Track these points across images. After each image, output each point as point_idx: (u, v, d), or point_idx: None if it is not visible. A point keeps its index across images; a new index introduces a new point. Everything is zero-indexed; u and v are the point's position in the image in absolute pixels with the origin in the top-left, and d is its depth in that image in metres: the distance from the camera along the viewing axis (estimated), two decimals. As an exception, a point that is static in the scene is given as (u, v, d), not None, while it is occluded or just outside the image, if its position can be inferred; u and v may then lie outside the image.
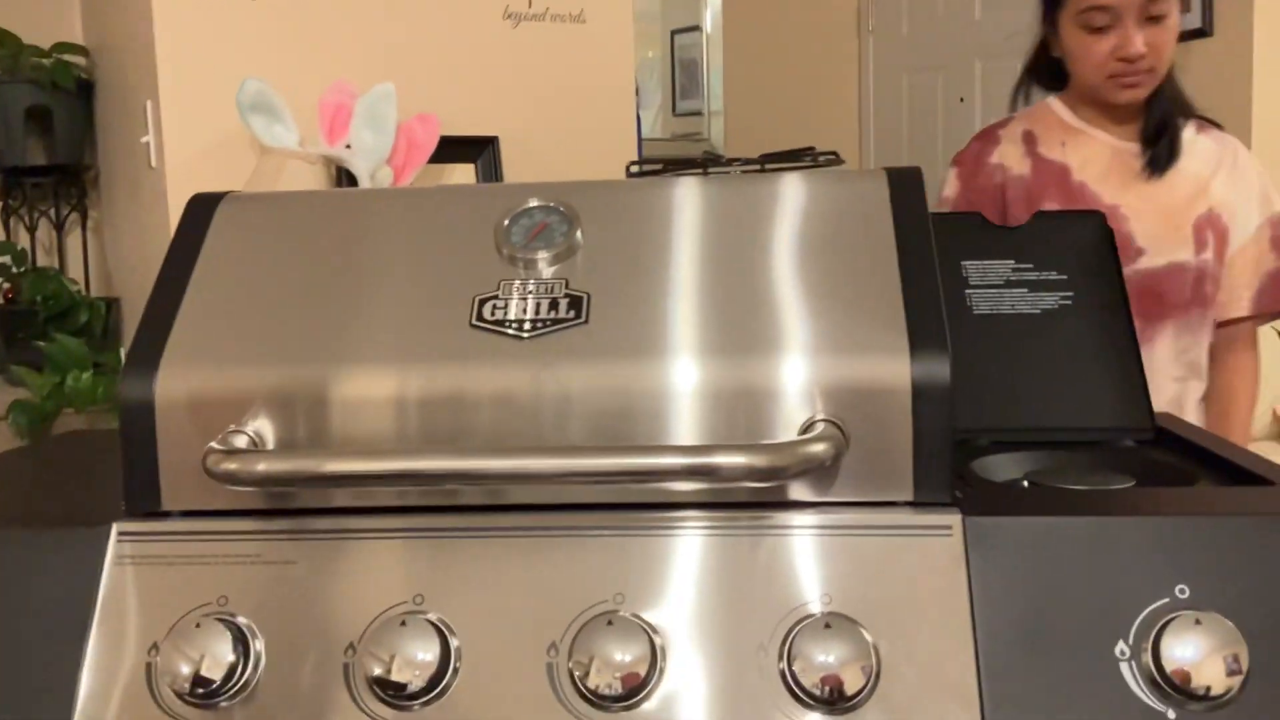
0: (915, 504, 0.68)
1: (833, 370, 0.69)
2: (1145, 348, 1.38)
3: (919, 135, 3.57)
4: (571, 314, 0.72)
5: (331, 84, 1.58)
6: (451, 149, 1.70)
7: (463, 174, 1.82)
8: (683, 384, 0.69)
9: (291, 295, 0.76)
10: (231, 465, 0.67)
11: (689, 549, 0.67)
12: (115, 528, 0.71)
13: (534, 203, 0.78)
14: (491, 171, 1.83)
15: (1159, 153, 1.57)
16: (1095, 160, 1.60)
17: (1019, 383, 1.00)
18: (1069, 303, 1.04)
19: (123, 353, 2.82)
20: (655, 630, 0.65)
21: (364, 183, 1.59)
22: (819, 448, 0.64)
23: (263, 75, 1.66)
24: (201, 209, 0.82)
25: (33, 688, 0.67)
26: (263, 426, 0.71)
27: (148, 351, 0.73)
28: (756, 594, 0.66)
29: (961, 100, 3.45)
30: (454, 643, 0.66)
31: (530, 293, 0.74)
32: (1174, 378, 1.60)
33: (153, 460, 0.72)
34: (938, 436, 0.68)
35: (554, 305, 0.73)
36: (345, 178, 1.66)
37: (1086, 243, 1.08)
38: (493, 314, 0.73)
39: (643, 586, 0.66)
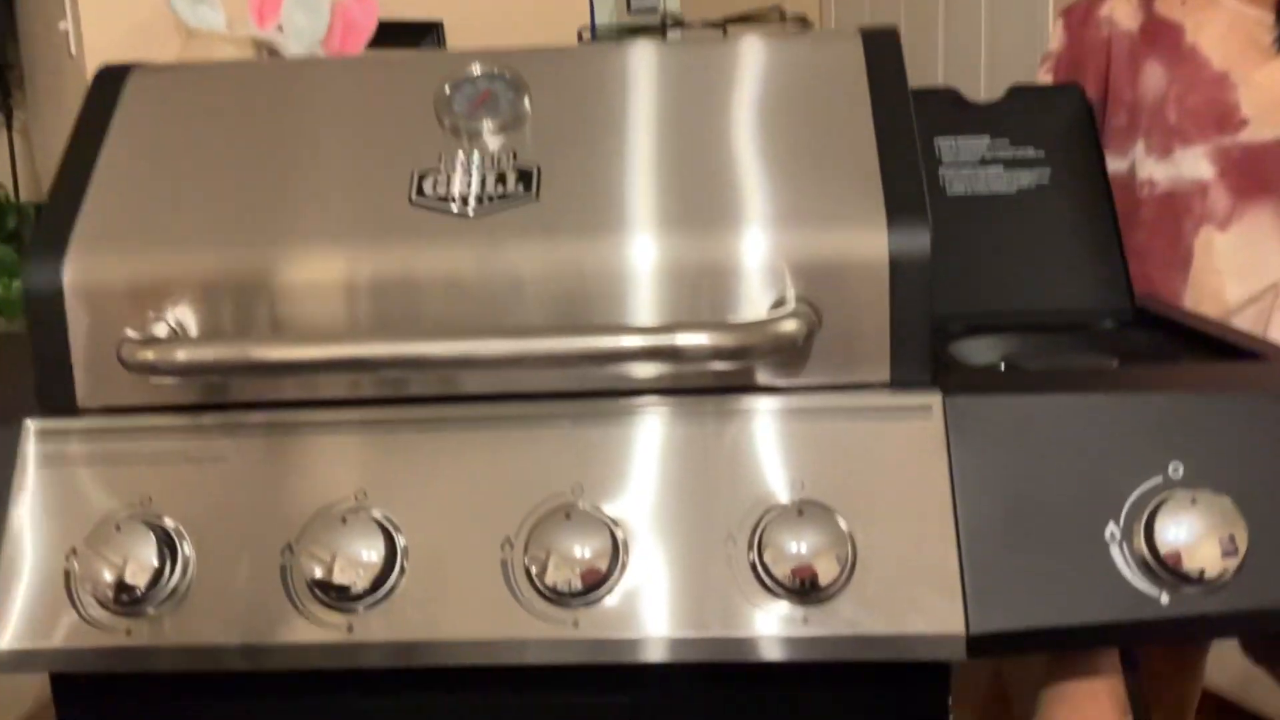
0: (892, 385, 0.63)
1: (803, 244, 0.63)
2: (1236, 228, 1.34)
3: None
4: (520, 188, 0.66)
5: (262, -38, 1.48)
6: (392, 35, 1.60)
7: (408, 62, 1.71)
8: (642, 262, 0.64)
9: (212, 172, 0.69)
10: (149, 355, 0.61)
11: (651, 437, 0.62)
12: (30, 425, 0.65)
13: (477, 69, 0.71)
14: (438, 59, 1.72)
15: None
16: (1214, 23, 1.45)
17: (995, 265, 0.96)
18: (1046, 182, 0.99)
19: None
20: (616, 523, 0.60)
21: (301, 69, 1.50)
22: (789, 326, 0.59)
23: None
24: (110, 81, 0.74)
25: (-57, 599, 0.62)
26: (184, 314, 0.65)
27: (53, 234, 0.67)
28: (724, 482, 0.61)
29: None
30: (400, 540, 0.61)
31: (475, 166, 0.67)
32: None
33: (64, 352, 0.66)
34: (916, 313, 0.63)
35: (501, 179, 0.67)
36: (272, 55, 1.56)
37: (1065, 119, 1.02)
38: (434, 189, 0.67)
39: (602, 477, 0.61)
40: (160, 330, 0.64)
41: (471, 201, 0.66)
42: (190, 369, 0.60)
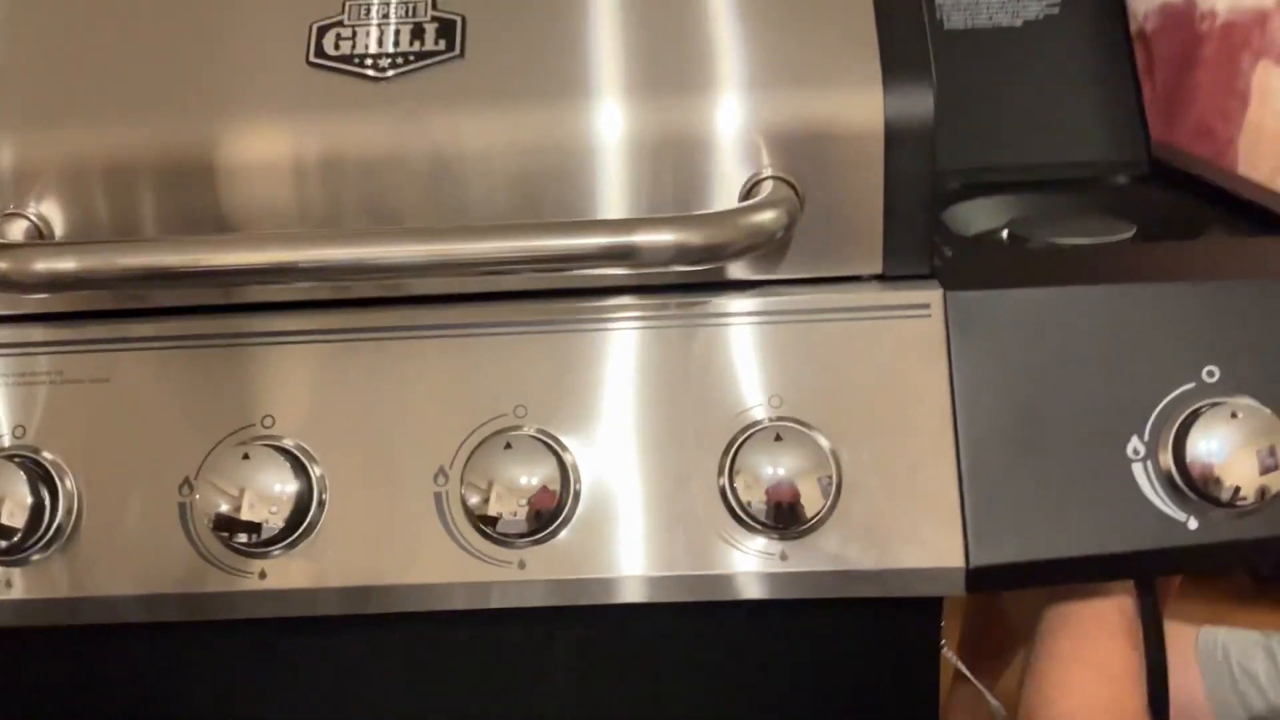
0: (884, 278, 0.54)
1: (782, 109, 0.53)
2: None
3: None
4: (442, 44, 0.55)
5: None
6: None
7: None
8: (591, 135, 0.53)
9: (71, 29, 0.57)
10: (2, 265, 0.50)
11: (606, 346, 0.53)
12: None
13: (383, -113, 0.59)
14: None
15: None
16: None
17: (996, 111, 0.85)
18: (1055, 11, 0.87)
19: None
20: (565, 448, 0.52)
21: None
22: (767, 216, 0.50)
23: None
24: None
25: None
26: (47, 209, 0.55)
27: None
28: (690, 397, 0.53)
29: None
30: (316, 471, 0.53)
31: (386, 18, 0.56)
32: None
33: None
34: (916, 192, 0.53)
35: (418, 33, 0.55)
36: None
37: (1079, -63, 0.90)
38: (337, 47, 0.55)
39: (550, 395, 0.53)
40: (18, 229, 0.54)
41: (385, 61, 0.55)
42: (53, 283, 0.50)
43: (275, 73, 0.55)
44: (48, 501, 0.53)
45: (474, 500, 0.51)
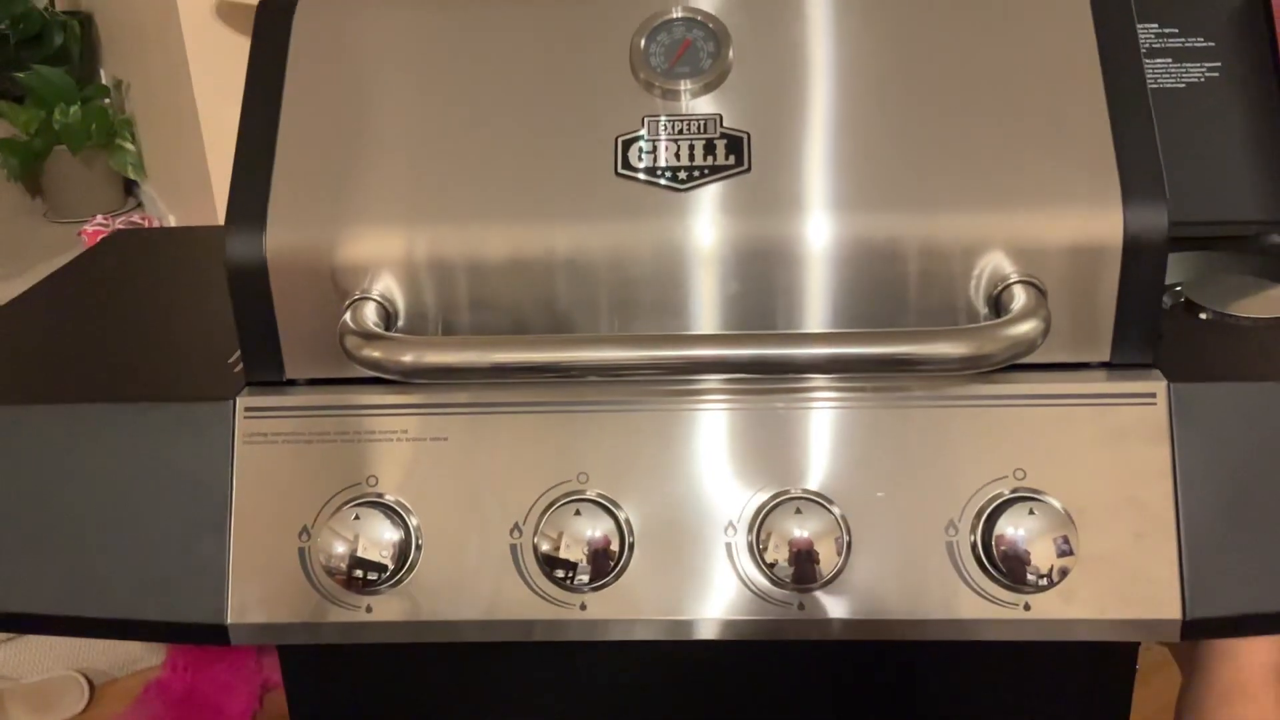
0: (1111, 366, 0.63)
1: (1030, 222, 0.61)
2: None
3: None
4: (731, 160, 0.64)
5: None
6: None
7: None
8: (861, 241, 0.62)
9: (400, 130, 0.67)
10: (375, 354, 0.60)
11: (861, 420, 0.62)
12: (242, 403, 0.65)
13: (675, 14, 0.67)
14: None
15: None
16: None
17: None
18: (1216, 75, 0.94)
19: (102, 74, 2.62)
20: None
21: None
22: (1029, 327, 0.58)
23: None
24: (276, 18, 0.70)
25: (178, 578, 0.64)
26: (390, 289, 0.64)
27: (250, 204, 0.65)
28: (940, 468, 0.62)
29: None
30: (621, 515, 0.63)
31: (680, 133, 0.64)
32: None
33: (271, 327, 0.65)
34: (1147, 294, 0.62)
35: (710, 149, 0.64)
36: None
37: (1237, 3, 0.96)
38: (640, 160, 0.64)
39: (825, 463, 0.62)
40: (370, 311, 0.64)
41: (682, 174, 0.64)
42: (415, 372, 0.60)
43: (591, 181, 0.64)
44: (401, 541, 0.63)
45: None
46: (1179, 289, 0.82)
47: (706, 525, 0.62)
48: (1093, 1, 0.66)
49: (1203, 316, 0.77)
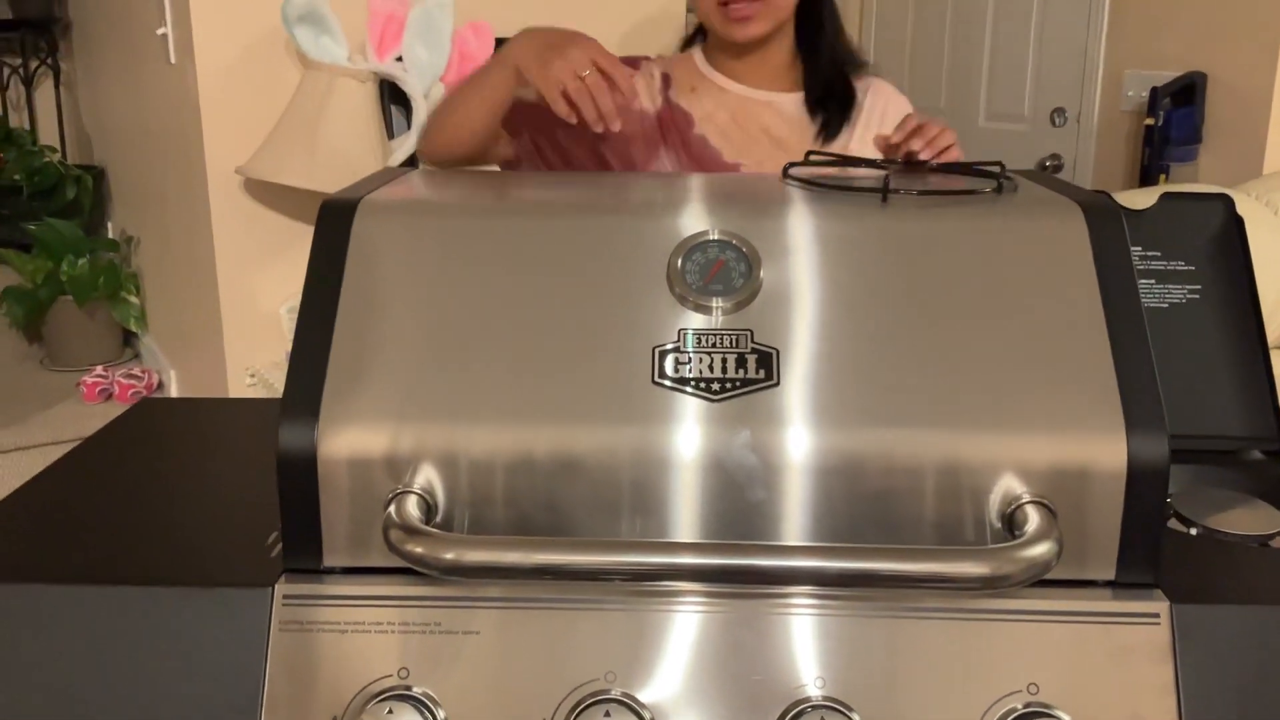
0: (1115, 584, 0.66)
1: (1041, 448, 0.66)
2: None
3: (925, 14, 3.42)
4: (761, 374, 0.68)
5: (379, -11, 1.45)
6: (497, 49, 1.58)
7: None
8: (884, 457, 0.66)
9: (450, 332, 0.71)
10: (418, 549, 0.63)
11: (874, 630, 0.65)
12: (280, 590, 0.67)
13: (710, 235, 0.73)
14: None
15: (829, 117, 1.33)
16: (720, 110, 1.36)
17: (1148, 386, 0.98)
18: (1196, 296, 1.01)
19: (110, 227, 2.69)
20: (853, 710, 0.63)
21: (418, 103, 1.48)
22: (1043, 550, 0.62)
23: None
24: (337, 220, 0.75)
25: (209, 761, 0.65)
26: (432, 482, 0.67)
27: (305, 397, 0.68)
28: (953, 680, 0.64)
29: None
30: (648, 715, 0.64)
31: (714, 346, 0.69)
32: None
33: (314, 517, 0.68)
34: (1150, 517, 0.66)
35: (741, 362, 0.69)
36: (390, 90, 1.54)
37: (1215, 228, 1.04)
38: (676, 370, 0.68)
39: (844, 671, 0.64)
40: (412, 504, 0.66)
41: (715, 386, 0.68)
42: (455, 569, 0.63)
43: (628, 387, 0.68)
44: (430, 735, 0.64)
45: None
46: (1169, 501, 0.86)
47: (730, 729, 0.64)
48: (1090, 230, 0.72)
49: (1193, 532, 0.81)
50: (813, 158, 0.96)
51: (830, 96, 1.33)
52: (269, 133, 1.50)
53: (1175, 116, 2.62)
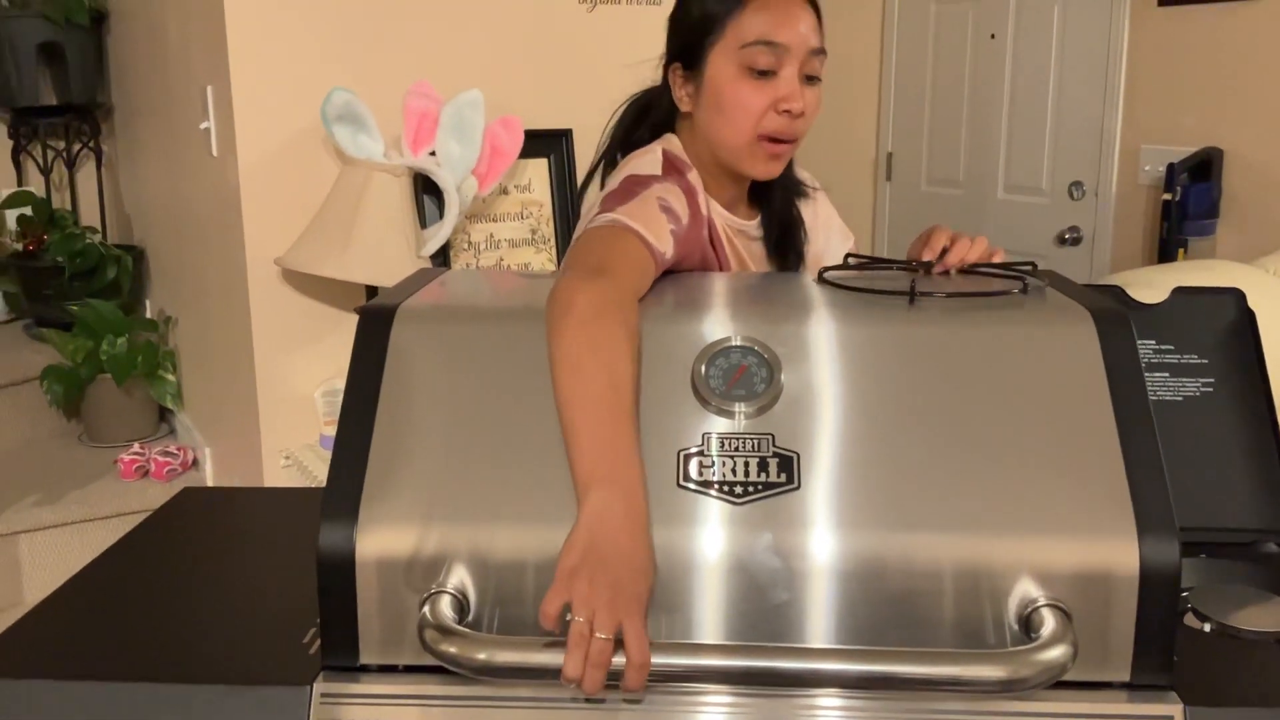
0: (1131, 686, 0.68)
1: (1056, 552, 0.68)
2: None
3: (944, 72, 3.48)
4: (782, 478, 0.71)
5: (413, 87, 1.50)
6: (528, 142, 1.63)
7: (535, 169, 1.76)
8: (901, 561, 0.68)
9: (483, 435, 0.74)
10: (451, 649, 0.65)
11: (911, 732, 0.67)
12: (317, 689, 0.70)
13: (734, 341, 0.76)
14: (565, 166, 1.76)
15: (786, 248, 1.23)
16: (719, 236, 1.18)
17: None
18: (1210, 389, 1.03)
19: (149, 305, 2.76)
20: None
21: (450, 196, 1.53)
22: (1059, 653, 0.64)
23: (329, 69, 1.58)
24: (376, 327, 0.79)
25: None
26: (464, 582, 0.70)
27: (345, 501, 0.71)
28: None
29: (993, 37, 3.37)
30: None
31: (736, 450, 0.72)
32: None
33: (352, 614, 0.70)
34: (1162, 619, 0.67)
35: (763, 466, 0.71)
36: (423, 181, 1.59)
37: (1227, 322, 1.06)
38: (700, 474, 0.71)
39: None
40: (446, 605, 0.69)
41: (738, 489, 0.70)
42: (487, 670, 0.65)
43: (655, 490, 0.70)
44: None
45: None
46: (1185, 595, 0.87)
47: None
48: (1100, 338, 0.75)
49: (1207, 628, 0.82)
50: (850, 259, 0.98)
51: (786, 236, 1.23)
52: (307, 225, 1.55)
53: (1193, 191, 2.64)
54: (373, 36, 1.69)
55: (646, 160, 1.12)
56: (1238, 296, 1.08)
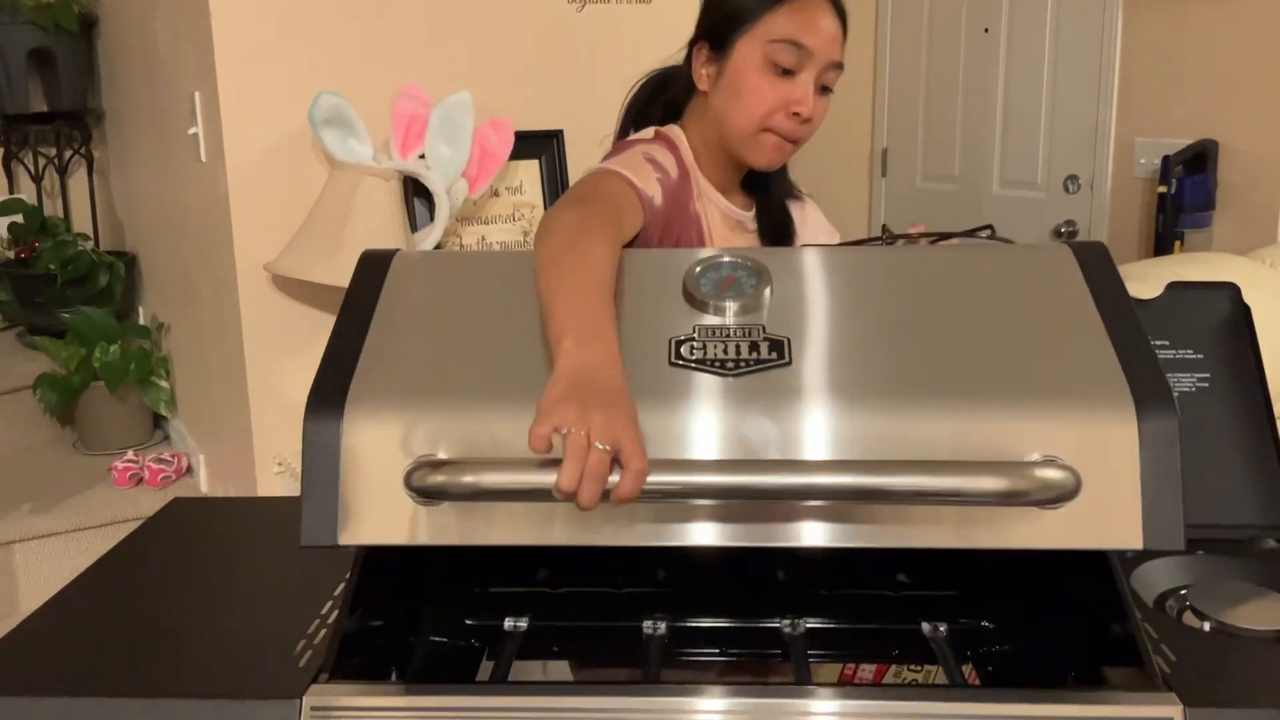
0: (1133, 690, 0.67)
1: (1057, 419, 0.68)
2: None
3: (938, 67, 3.47)
4: (774, 355, 0.71)
5: (402, 89, 1.49)
6: (518, 143, 1.62)
7: (526, 170, 1.75)
8: (900, 429, 0.68)
9: (472, 347, 0.75)
10: (439, 478, 0.66)
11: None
12: (307, 701, 0.69)
13: (724, 258, 0.78)
14: (556, 167, 1.75)
15: (779, 240, 1.25)
16: (718, 225, 1.22)
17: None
18: (1206, 385, 1.02)
19: (141, 312, 2.74)
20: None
21: (440, 197, 1.52)
22: (1058, 473, 0.65)
23: (316, 73, 1.58)
24: (374, 266, 0.82)
25: None
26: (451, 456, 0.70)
27: (334, 381, 0.73)
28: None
29: (986, 31, 3.36)
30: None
31: (728, 336, 0.73)
32: None
33: (334, 491, 0.71)
34: (1166, 481, 0.68)
35: (754, 347, 0.72)
36: (413, 184, 1.59)
37: (1222, 317, 1.05)
38: (691, 354, 0.72)
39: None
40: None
41: (730, 364, 0.71)
42: (474, 492, 0.66)
43: (644, 369, 0.71)
44: None
45: None
46: (1184, 593, 0.87)
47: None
48: (1081, 263, 0.78)
49: (1207, 627, 0.81)
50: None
51: (780, 228, 1.26)
52: (297, 230, 1.54)
53: (1188, 184, 2.64)
54: (360, 39, 1.68)
55: (639, 135, 1.17)
56: (1233, 291, 1.07)
